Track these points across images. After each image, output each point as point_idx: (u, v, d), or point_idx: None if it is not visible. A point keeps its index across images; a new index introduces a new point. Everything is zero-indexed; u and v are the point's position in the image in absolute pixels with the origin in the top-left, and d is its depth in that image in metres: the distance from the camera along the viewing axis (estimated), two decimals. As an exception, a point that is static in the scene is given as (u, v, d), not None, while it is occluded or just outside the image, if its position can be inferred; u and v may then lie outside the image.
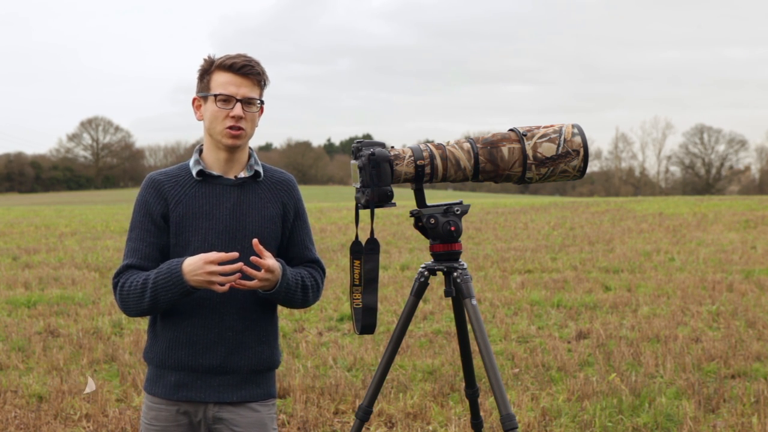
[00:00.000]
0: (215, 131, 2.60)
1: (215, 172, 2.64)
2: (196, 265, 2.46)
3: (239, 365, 2.64)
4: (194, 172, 2.63)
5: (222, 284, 2.46)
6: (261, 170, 2.69)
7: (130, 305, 2.57)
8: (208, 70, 2.62)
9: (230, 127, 2.57)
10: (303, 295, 2.65)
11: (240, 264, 2.47)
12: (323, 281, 2.74)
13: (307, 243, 2.75)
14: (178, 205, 2.61)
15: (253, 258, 2.48)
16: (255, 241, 2.50)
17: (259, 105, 2.64)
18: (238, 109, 2.57)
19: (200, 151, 2.69)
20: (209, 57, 2.63)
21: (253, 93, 2.60)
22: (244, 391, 2.66)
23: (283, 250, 2.71)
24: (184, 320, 2.61)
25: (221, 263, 2.46)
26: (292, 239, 2.71)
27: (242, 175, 2.66)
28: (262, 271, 2.50)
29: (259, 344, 2.67)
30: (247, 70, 2.58)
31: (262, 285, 2.52)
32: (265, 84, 2.66)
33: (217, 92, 2.57)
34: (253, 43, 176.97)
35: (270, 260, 2.50)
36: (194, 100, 2.67)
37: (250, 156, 2.70)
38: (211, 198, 2.62)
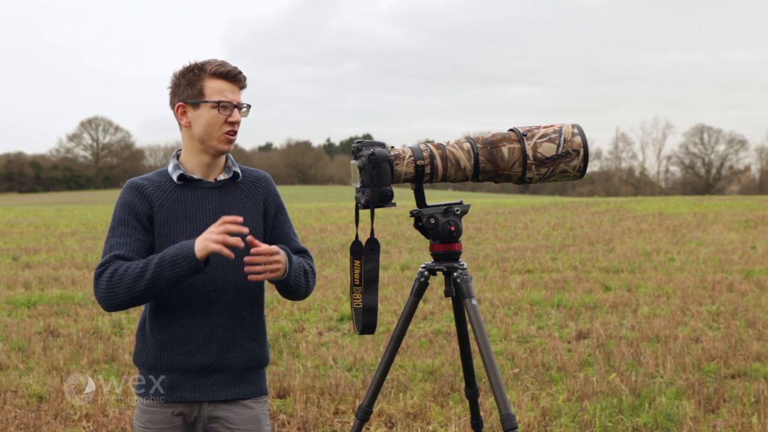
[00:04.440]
0: (212, 137, 2.62)
1: (196, 176, 2.66)
2: (213, 227, 2.44)
3: (231, 363, 2.66)
4: (174, 177, 2.65)
5: (231, 248, 2.42)
6: (239, 171, 2.72)
7: (119, 290, 2.49)
8: (199, 76, 2.63)
9: (228, 132, 2.62)
10: (305, 280, 2.68)
11: (246, 229, 2.45)
12: (315, 269, 2.77)
13: (291, 235, 2.77)
14: (162, 208, 2.62)
15: (249, 238, 2.47)
16: (250, 237, 2.48)
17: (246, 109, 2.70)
18: (237, 115, 2.64)
19: (177, 156, 2.70)
20: (196, 63, 2.64)
21: (243, 98, 2.68)
22: (237, 388, 2.67)
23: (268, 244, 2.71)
24: (174, 321, 2.62)
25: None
26: (276, 233, 2.74)
27: (221, 177, 2.70)
28: (265, 255, 2.48)
29: (249, 341, 2.69)
30: (240, 77, 2.66)
31: (274, 272, 2.51)
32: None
33: (216, 99, 2.60)
34: (264, 47, 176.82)
35: (267, 246, 2.50)
36: (179, 106, 2.65)
37: (227, 158, 2.73)
38: (194, 201, 2.64)
